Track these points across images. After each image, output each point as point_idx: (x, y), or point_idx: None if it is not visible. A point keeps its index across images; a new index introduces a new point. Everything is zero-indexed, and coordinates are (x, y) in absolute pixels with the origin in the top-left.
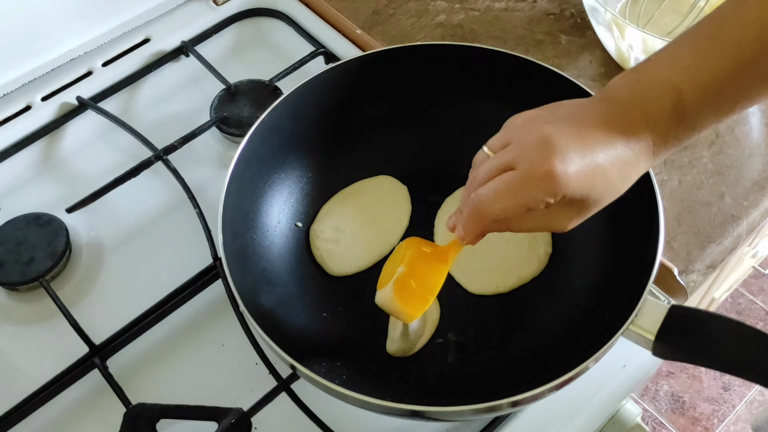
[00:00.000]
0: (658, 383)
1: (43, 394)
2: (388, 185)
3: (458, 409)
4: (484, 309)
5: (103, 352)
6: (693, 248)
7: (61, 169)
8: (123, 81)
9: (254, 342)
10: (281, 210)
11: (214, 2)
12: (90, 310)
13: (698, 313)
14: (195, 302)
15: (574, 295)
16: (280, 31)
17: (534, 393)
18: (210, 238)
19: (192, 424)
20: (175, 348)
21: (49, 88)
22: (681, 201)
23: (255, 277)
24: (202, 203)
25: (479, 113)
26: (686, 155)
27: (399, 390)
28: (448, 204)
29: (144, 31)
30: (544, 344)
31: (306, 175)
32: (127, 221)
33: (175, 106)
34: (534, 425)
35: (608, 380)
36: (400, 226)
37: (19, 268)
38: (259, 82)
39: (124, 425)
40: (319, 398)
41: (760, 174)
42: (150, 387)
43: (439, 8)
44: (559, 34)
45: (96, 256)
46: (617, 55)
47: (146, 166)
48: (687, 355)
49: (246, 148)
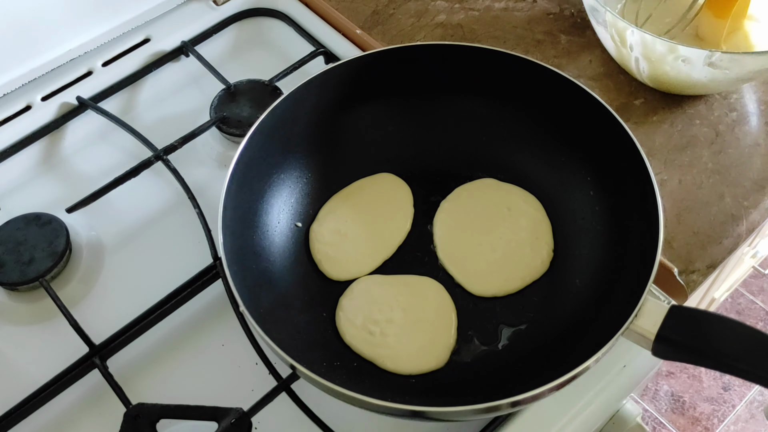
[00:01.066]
0: (658, 383)
1: (43, 394)
2: (390, 183)
3: (458, 409)
4: (484, 309)
5: (103, 352)
6: (693, 248)
7: (61, 169)
8: (123, 81)
9: (254, 342)
10: (281, 210)
11: (214, 2)
12: (90, 310)
13: (698, 313)
14: (195, 302)
15: (574, 294)
16: (280, 31)
17: (534, 393)
18: (210, 238)
19: (192, 424)
20: (175, 348)
21: (49, 88)
22: (681, 201)
23: (255, 277)
24: (201, 203)
25: (479, 113)
26: (686, 155)
27: (399, 390)
28: (445, 205)
29: (144, 31)
30: (544, 344)
31: (306, 175)
32: (127, 221)
33: (175, 106)
34: (534, 425)
35: (608, 380)
36: (402, 229)
37: (19, 268)
38: (259, 82)
39: (124, 425)
40: (319, 398)
41: (761, 174)
42: (150, 387)
43: (438, 8)
44: (558, 34)
45: (96, 256)
46: (617, 54)
47: (146, 166)
48: (687, 355)
49: (246, 148)
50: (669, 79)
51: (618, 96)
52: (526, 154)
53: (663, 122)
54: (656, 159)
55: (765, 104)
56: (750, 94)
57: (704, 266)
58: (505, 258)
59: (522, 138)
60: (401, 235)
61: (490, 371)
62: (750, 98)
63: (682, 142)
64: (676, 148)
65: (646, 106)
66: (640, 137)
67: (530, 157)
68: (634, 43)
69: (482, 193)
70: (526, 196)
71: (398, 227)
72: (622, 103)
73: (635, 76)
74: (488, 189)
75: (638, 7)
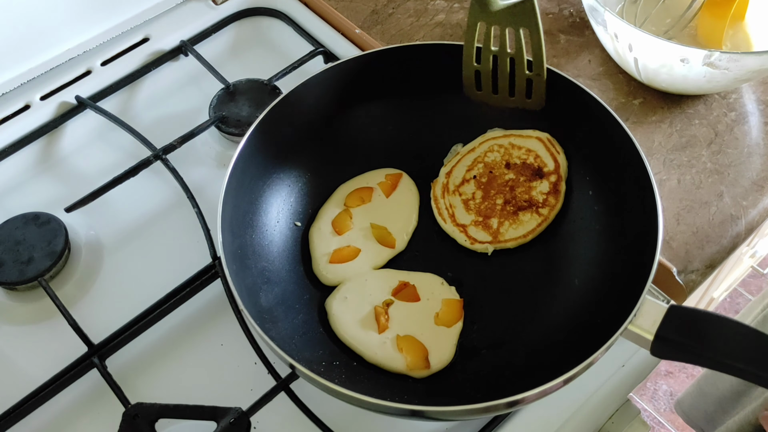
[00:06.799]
0: (656, 383)
1: (42, 394)
2: (397, 181)
3: (457, 408)
4: (483, 309)
5: (101, 352)
6: (692, 248)
7: (60, 169)
8: (122, 80)
9: (253, 341)
10: (280, 209)
11: (213, 1)
12: (89, 310)
13: (697, 312)
14: (194, 302)
15: (573, 294)
16: (279, 30)
17: (533, 393)
18: (209, 237)
19: (191, 424)
20: (174, 347)
21: (48, 88)
22: (680, 200)
23: (254, 277)
24: (201, 203)
25: (478, 113)
26: (685, 154)
27: (398, 389)
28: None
29: (143, 30)
30: (543, 344)
31: (305, 174)
32: (126, 221)
33: (174, 105)
34: (534, 425)
35: (607, 380)
36: (405, 231)
37: (18, 268)
38: (258, 81)
39: (122, 425)
40: (318, 398)
41: (759, 173)
42: (149, 386)
43: (438, 7)
44: (558, 34)
45: (95, 256)
46: (616, 54)
47: (145, 166)
48: (686, 354)
49: (245, 148)
50: (668, 79)
51: (617, 96)
52: None
53: (662, 122)
54: (655, 159)
55: (764, 104)
56: (749, 94)
57: (703, 266)
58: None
59: None
60: (406, 237)
61: (489, 371)
62: (749, 98)
63: (681, 142)
64: (675, 147)
65: (645, 106)
66: (639, 137)
67: None
68: (633, 43)
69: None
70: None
71: (403, 228)
72: (621, 102)
73: (634, 76)
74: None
75: (637, 8)
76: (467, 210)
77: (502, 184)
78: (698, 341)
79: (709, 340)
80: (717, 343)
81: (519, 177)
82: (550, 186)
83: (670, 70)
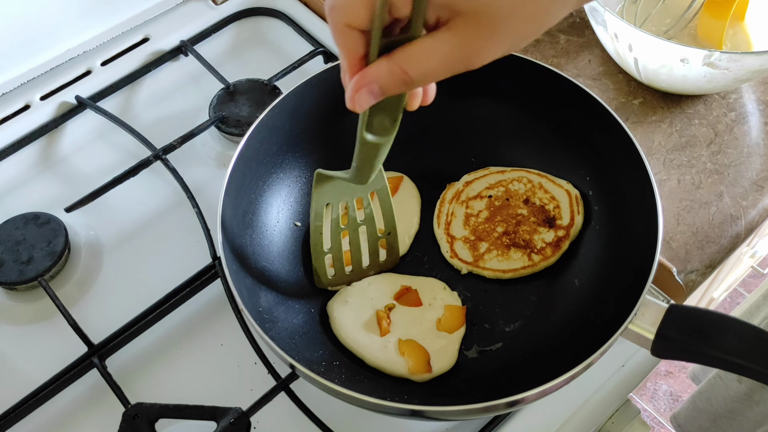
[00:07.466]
0: (656, 383)
1: (42, 394)
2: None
3: (457, 408)
4: (483, 310)
5: (101, 352)
6: (692, 248)
7: (59, 169)
8: (122, 80)
9: (253, 341)
10: (280, 209)
11: (213, 1)
12: (89, 310)
13: (698, 311)
14: (194, 302)
15: (573, 294)
16: (279, 30)
17: (533, 393)
18: (209, 237)
19: (191, 424)
20: (173, 347)
21: (48, 88)
22: (680, 200)
23: (254, 277)
24: (201, 203)
25: (478, 113)
26: (685, 155)
27: (398, 389)
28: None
29: (143, 30)
30: (543, 344)
31: (305, 174)
32: (126, 221)
33: (174, 105)
34: (534, 424)
35: (607, 380)
36: (407, 235)
37: (17, 268)
38: (258, 81)
39: (122, 425)
40: (318, 398)
41: (759, 174)
42: (149, 386)
43: None
44: (557, 34)
45: (95, 256)
46: (616, 54)
47: (145, 166)
48: (687, 353)
49: (245, 148)
50: (668, 79)
51: (617, 95)
52: (525, 153)
53: (662, 122)
54: (655, 159)
55: (764, 104)
56: (749, 94)
57: (703, 266)
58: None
59: (521, 137)
60: (408, 241)
61: (489, 371)
62: (749, 98)
63: (680, 142)
64: (675, 147)
65: (645, 106)
66: (639, 137)
67: (529, 156)
68: (633, 43)
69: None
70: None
71: (405, 231)
72: (621, 102)
73: (634, 76)
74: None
75: (637, 8)
76: (465, 224)
77: (511, 215)
78: (700, 339)
79: (711, 337)
80: (719, 341)
81: (530, 217)
82: (554, 238)
83: (670, 70)
